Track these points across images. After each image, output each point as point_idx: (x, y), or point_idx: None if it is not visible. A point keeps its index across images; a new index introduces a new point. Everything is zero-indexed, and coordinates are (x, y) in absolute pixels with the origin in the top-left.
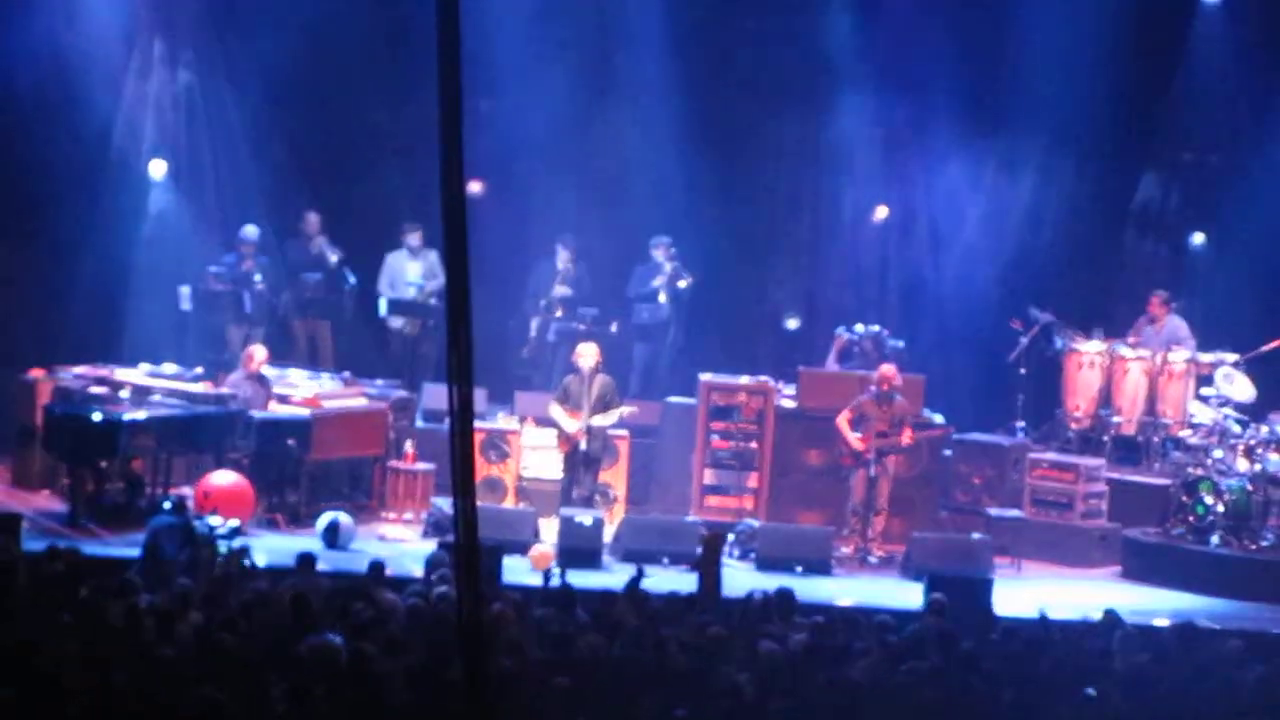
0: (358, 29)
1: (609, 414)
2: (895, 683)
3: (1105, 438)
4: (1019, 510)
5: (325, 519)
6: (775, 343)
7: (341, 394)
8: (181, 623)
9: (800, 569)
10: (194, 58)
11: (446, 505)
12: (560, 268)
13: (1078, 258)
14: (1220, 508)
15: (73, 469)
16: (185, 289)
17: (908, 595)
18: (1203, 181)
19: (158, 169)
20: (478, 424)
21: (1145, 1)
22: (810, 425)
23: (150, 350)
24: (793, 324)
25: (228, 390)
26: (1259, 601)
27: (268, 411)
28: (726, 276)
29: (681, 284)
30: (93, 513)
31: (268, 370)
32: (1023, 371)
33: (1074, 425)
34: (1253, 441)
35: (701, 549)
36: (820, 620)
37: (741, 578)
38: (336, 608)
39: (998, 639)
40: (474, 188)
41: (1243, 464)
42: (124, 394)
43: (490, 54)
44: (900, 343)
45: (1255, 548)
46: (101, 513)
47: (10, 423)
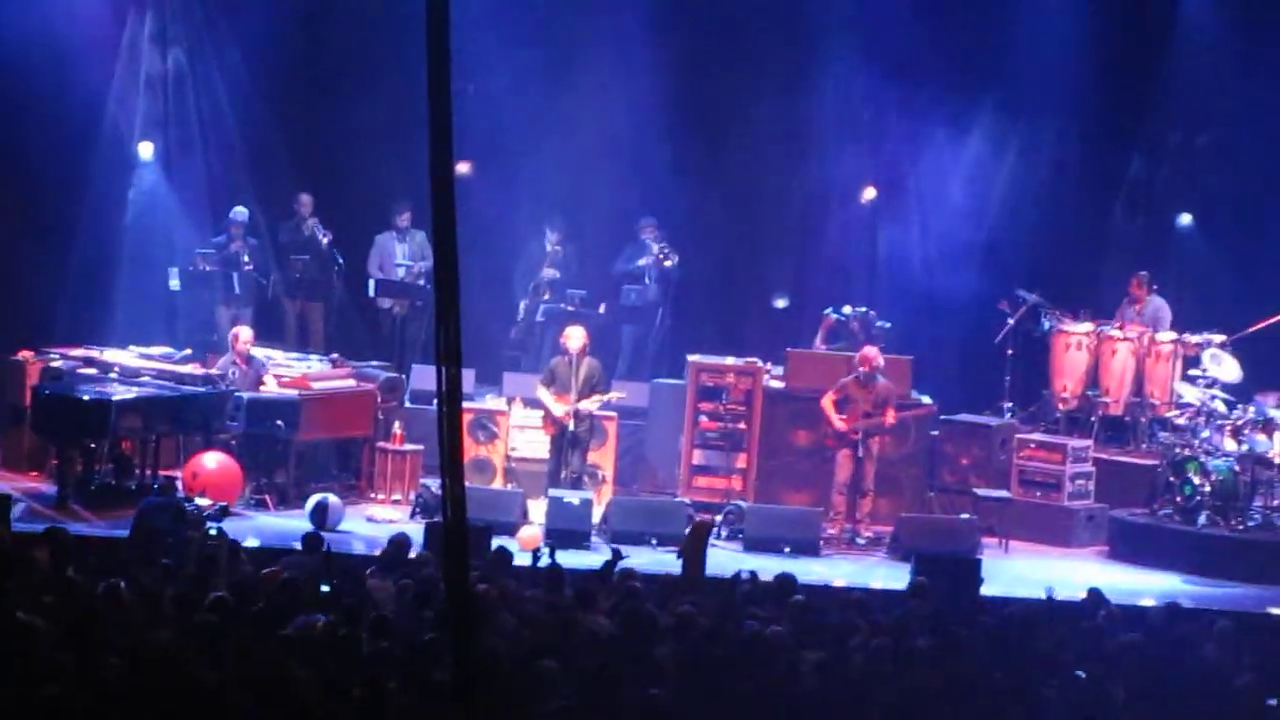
0: (347, 10)
1: (594, 399)
2: (882, 664)
3: (1092, 418)
4: (1006, 491)
5: (313, 500)
6: (763, 324)
7: (330, 375)
8: (169, 604)
9: (788, 550)
10: (183, 37)
11: (435, 486)
12: (548, 250)
13: (1065, 239)
14: (1207, 488)
15: (61, 450)
16: (174, 270)
17: (895, 576)
18: (1190, 162)
19: (146, 150)
20: (466, 405)
21: None
22: (798, 406)
23: (139, 331)
24: (781, 303)
25: (216, 371)
26: (1246, 582)
27: (256, 393)
28: (714, 257)
29: (668, 264)
30: (81, 494)
31: (256, 351)
32: (1010, 352)
33: (1061, 406)
34: (1240, 422)
35: (688, 533)
36: (801, 600)
37: (729, 558)
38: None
39: (985, 619)
40: (462, 169)
41: (1230, 444)
42: (113, 375)
43: (478, 36)
44: (887, 324)
45: (1242, 528)
46: (90, 494)
47: None
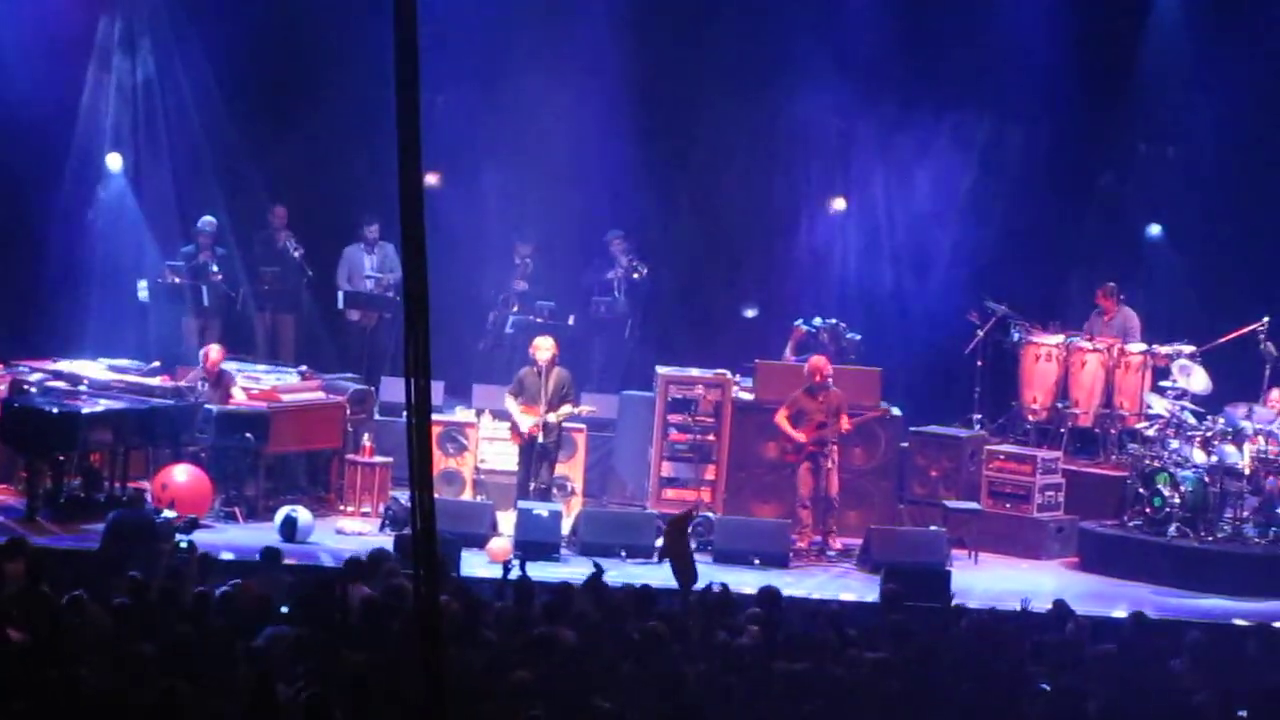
0: (315, 21)
1: (563, 411)
2: (851, 674)
3: (1062, 430)
4: (976, 502)
5: (282, 513)
6: (732, 335)
7: (299, 388)
8: (141, 616)
9: (757, 561)
10: (152, 48)
11: (404, 498)
12: (517, 262)
13: (1034, 250)
14: (1177, 499)
15: (30, 463)
16: (143, 282)
17: (865, 588)
18: (1159, 173)
19: (114, 162)
20: (435, 417)
21: None
22: (767, 418)
23: (108, 344)
24: (750, 313)
25: (186, 384)
26: (1216, 593)
27: (225, 405)
28: (683, 269)
29: (636, 276)
30: (50, 507)
31: (226, 364)
32: (979, 364)
33: (1031, 417)
34: (1209, 433)
35: (667, 526)
36: (760, 611)
37: (700, 570)
38: (296, 601)
39: (955, 631)
40: (431, 180)
41: (1199, 456)
42: (82, 387)
43: (446, 48)
44: (857, 335)
45: (1212, 539)
46: (59, 507)
47: None
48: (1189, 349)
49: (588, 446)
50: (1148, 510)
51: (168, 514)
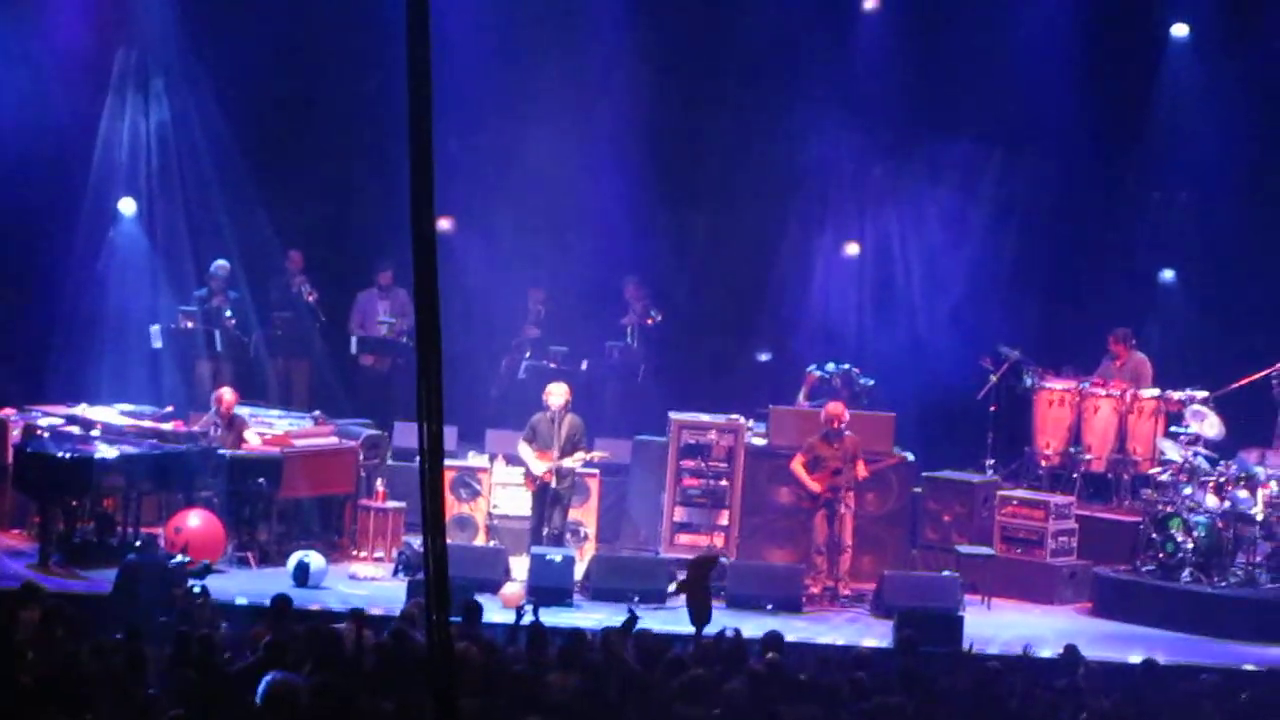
0: (329, 67)
1: (576, 457)
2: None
3: (1075, 475)
4: (989, 547)
5: (295, 558)
6: (745, 380)
7: (312, 433)
8: (151, 661)
9: (770, 606)
10: (166, 90)
11: (417, 543)
12: (531, 308)
13: (1047, 296)
14: (1190, 544)
15: (43, 508)
16: (156, 327)
17: (877, 633)
18: (1172, 218)
19: (127, 207)
20: (448, 462)
21: (1114, 40)
22: (780, 463)
23: (121, 389)
24: (764, 357)
25: (199, 429)
26: (1230, 638)
27: (238, 450)
28: (697, 314)
29: (650, 321)
30: (63, 551)
31: (239, 409)
32: (992, 409)
33: (1044, 463)
34: (1222, 478)
35: (691, 564)
36: (776, 657)
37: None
38: (308, 647)
39: (967, 676)
40: (444, 225)
41: (1212, 501)
42: (95, 433)
43: (461, 93)
44: (870, 380)
45: (1225, 584)
46: (72, 552)
47: None
48: (1202, 394)
49: (601, 492)
50: (1161, 555)
51: (180, 559)
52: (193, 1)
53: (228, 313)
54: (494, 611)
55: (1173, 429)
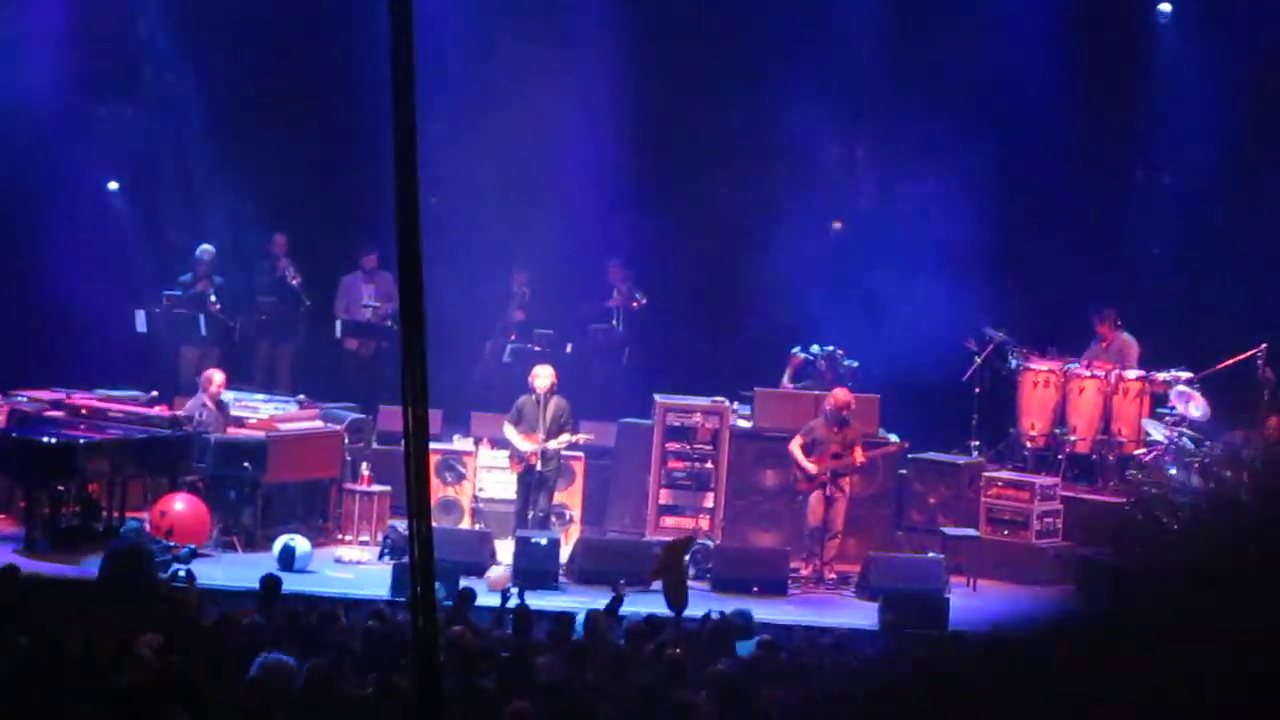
0: (313, 49)
1: (561, 439)
2: (849, 701)
3: (1060, 456)
4: (974, 529)
5: (281, 542)
6: (730, 362)
7: (297, 417)
8: (138, 647)
9: (756, 589)
10: (152, 75)
11: (403, 527)
12: (515, 291)
13: (1032, 276)
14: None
15: (28, 492)
16: (140, 313)
17: (863, 615)
18: (1156, 198)
19: (112, 190)
20: (433, 445)
21: (1099, 18)
22: (765, 446)
23: (106, 374)
24: (748, 336)
25: (184, 414)
26: None
27: (223, 435)
28: (681, 295)
29: (635, 305)
30: (49, 536)
31: (225, 394)
32: (977, 390)
33: (1029, 444)
34: (1207, 459)
35: (664, 548)
36: (769, 638)
37: (698, 598)
38: (294, 629)
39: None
40: (427, 207)
41: (1197, 481)
42: (80, 418)
43: (443, 76)
44: (855, 362)
45: None
46: (57, 536)
47: None
48: (1187, 375)
49: (586, 474)
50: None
51: (166, 543)
52: None
53: (212, 297)
54: (479, 595)
55: (1158, 410)
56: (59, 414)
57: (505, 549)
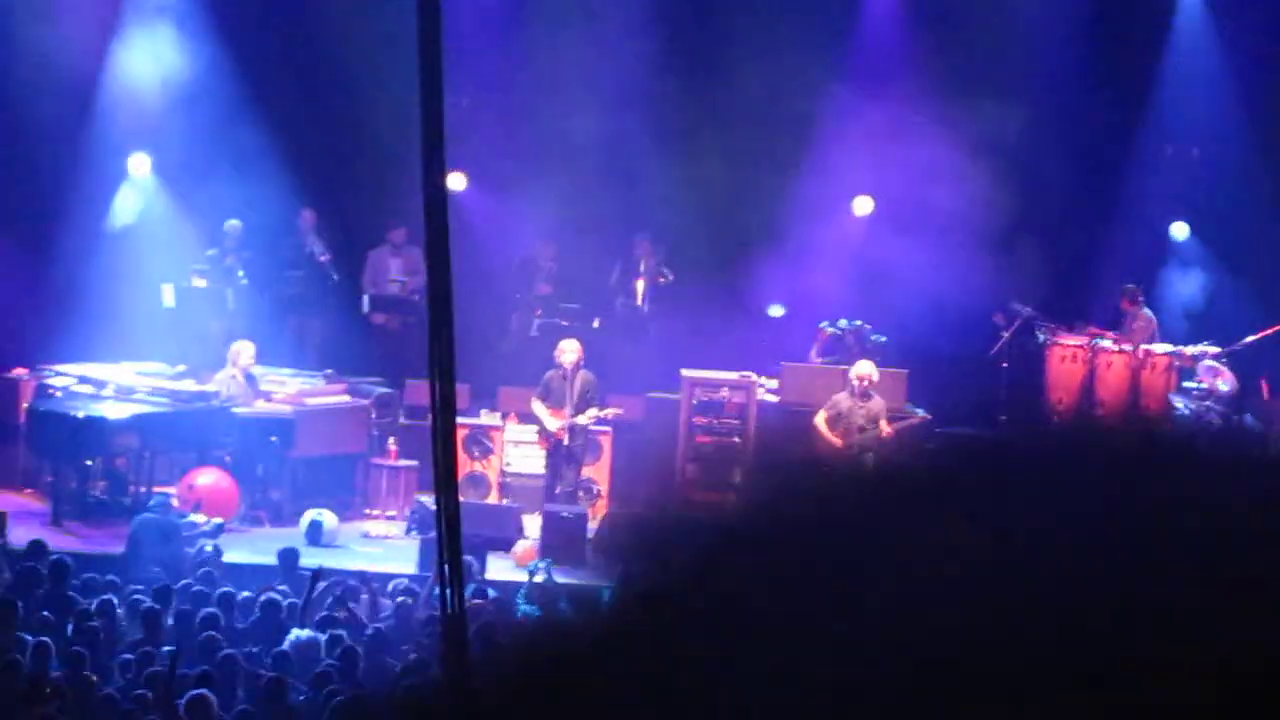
0: (342, 25)
1: (588, 414)
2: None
3: None
4: None
5: (308, 517)
6: (757, 337)
7: (324, 391)
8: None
9: None
10: (179, 48)
11: (430, 501)
12: (542, 265)
13: (1059, 251)
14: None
15: (56, 467)
16: (168, 286)
17: None
18: (1183, 174)
19: (140, 163)
20: (460, 420)
21: None
22: (793, 419)
23: (133, 348)
24: (776, 311)
25: (212, 388)
26: None
27: (251, 409)
28: (708, 270)
29: (662, 280)
30: (76, 511)
31: (255, 369)
32: (1004, 365)
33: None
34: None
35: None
36: None
37: None
38: (323, 604)
39: None
40: (456, 183)
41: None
42: (107, 392)
43: (472, 51)
44: (883, 337)
45: None
46: (85, 511)
47: None
48: (1214, 349)
49: (613, 449)
50: None
51: (194, 518)
52: None
53: (240, 272)
54: (507, 569)
55: (1185, 384)
56: (86, 388)
57: (533, 523)
